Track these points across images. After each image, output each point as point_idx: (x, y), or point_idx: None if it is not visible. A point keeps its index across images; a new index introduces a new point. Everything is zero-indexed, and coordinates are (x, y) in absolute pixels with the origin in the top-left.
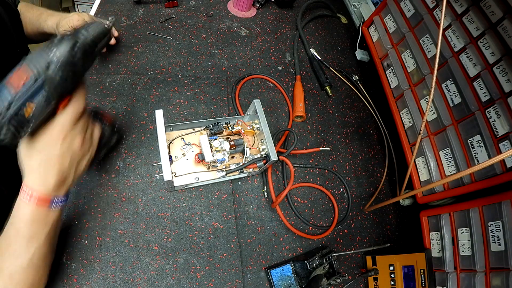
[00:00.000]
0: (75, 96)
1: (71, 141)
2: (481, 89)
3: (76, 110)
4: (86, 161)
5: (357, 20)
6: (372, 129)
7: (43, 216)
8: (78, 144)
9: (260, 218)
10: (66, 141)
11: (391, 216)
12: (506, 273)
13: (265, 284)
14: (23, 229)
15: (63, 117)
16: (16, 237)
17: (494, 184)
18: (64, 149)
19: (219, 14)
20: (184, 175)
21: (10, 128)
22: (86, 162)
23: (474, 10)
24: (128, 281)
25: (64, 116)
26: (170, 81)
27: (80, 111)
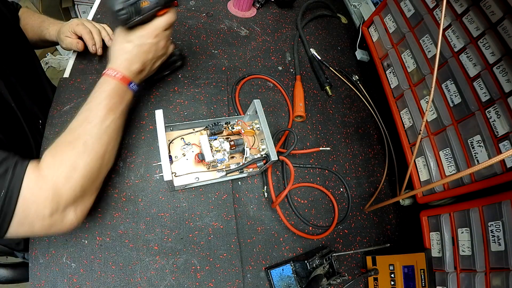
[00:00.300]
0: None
1: (158, 40)
2: (481, 89)
3: (169, 19)
4: (159, 62)
5: (357, 20)
6: (372, 129)
7: (123, 92)
8: (162, 45)
9: (260, 218)
10: (156, 38)
11: (391, 216)
12: (506, 273)
13: (265, 284)
14: (105, 100)
15: (160, 20)
16: (98, 107)
17: (494, 184)
18: (152, 44)
19: (219, 14)
20: (184, 175)
21: (128, 11)
22: (159, 63)
23: (474, 10)
24: (128, 281)
25: (160, 20)
26: (170, 81)
27: (172, 21)
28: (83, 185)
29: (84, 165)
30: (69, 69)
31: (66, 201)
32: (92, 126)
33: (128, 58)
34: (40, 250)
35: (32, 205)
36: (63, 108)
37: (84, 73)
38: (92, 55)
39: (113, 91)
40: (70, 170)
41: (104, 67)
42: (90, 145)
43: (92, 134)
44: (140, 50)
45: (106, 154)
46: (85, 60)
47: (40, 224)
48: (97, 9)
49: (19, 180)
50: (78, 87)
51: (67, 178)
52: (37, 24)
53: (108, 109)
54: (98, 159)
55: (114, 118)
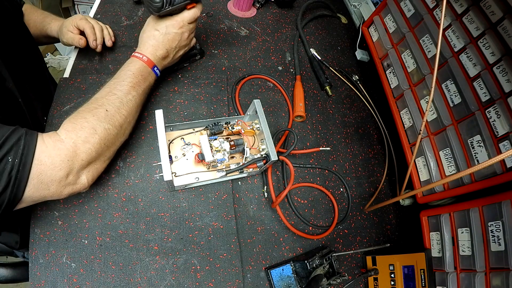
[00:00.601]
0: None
1: (183, 31)
2: (481, 89)
3: (195, 14)
4: (182, 52)
5: (357, 20)
6: (372, 129)
7: (147, 73)
8: (186, 36)
9: (260, 218)
10: (181, 29)
11: (391, 216)
12: (506, 273)
13: (265, 284)
14: (130, 78)
15: (186, 14)
16: (122, 82)
17: (494, 184)
18: (177, 34)
19: (219, 14)
20: (184, 175)
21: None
22: (181, 53)
23: (474, 10)
24: (128, 281)
25: (187, 13)
26: (170, 81)
27: (197, 15)
28: (99, 149)
29: (103, 130)
30: (69, 69)
31: (82, 163)
32: (115, 98)
33: (155, 44)
34: (40, 250)
35: (48, 169)
36: (63, 108)
37: (84, 73)
38: (92, 55)
39: (138, 71)
40: (90, 133)
41: (105, 66)
42: (111, 113)
43: (115, 105)
44: (166, 38)
45: (124, 125)
46: (85, 60)
47: (55, 187)
48: (97, 9)
49: (33, 146)
50: (78, 87)
51: (86, 140)
52: (39, 20)
53: (131, 85)
54: (116, 127)
55: (136, 95)
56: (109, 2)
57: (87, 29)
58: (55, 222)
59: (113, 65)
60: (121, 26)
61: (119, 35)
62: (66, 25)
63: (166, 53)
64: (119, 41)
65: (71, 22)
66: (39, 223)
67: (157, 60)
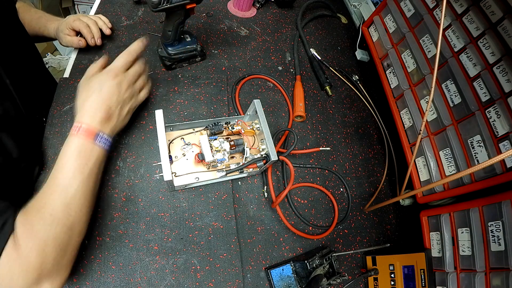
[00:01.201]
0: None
1: (119, 82)
2: (481, 89)
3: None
4: (128, 107)
5: (357, 20)
6: (372, 129)
7: (89, 149)
8: (124, 87)
9: (260, 218)
10: (116, 79)
11: (391, 216)
12: (506, 273)
13: (265, 284)
14: (70, 161)
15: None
16: (62, 169)
17: (494, 184)
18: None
19: (219, 14)
20: (184, 175)
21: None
22: (128, 109)
23: (474, 10)
24: (128, 281)
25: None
26: (170, 81)
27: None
28: (56, 258)
29: (54, 238)
30: (69, 69)
31: (40, 276)
32: (59, 193)
33: (91, 107)
34: None
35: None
36: (63, 108)
37: (84, 73)
38: (92, 55)
39: (77, 151)
40: (41, 244)
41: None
42: (57, 215)
43: (59, 202)
44: (101, 95)
45: (75, 225)
46: (85, 60)
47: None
48: (97, 9)
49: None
50: None
51: (39, 252)
52: (34, 20)
53: (73, 171)
54: (67, 231)
55: (82, 180)
56: (109, 2)
57: (83, 29)
58: None
59: None
60: (121, 26)
61: (119, 35)
62: (61, 29)
63: (106, 113)
64: (119, 41)
65: (66, 25)
66: None
67: (99, 124)
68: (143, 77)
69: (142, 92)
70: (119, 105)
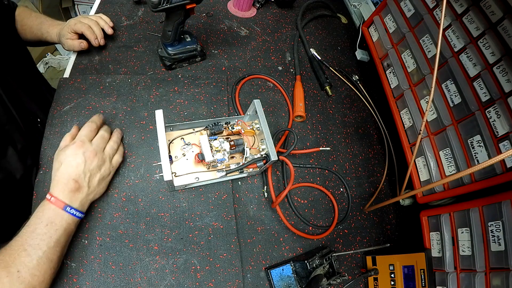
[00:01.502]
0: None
1: (84, 151)
2: (481, 89)
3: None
4: (99, 176)
5: (357, 20)
6: (372, 129)
7: (58, 217)
8: (91, 156)
9: (260, 218)
10: (81, 149)
11: (391, 216)
12: (506, 273)
13: (265, 284)
14: (40, 226)
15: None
16: (32, 233)
17: (494, 184)
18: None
19: (219, 14)
20: (184, 175)
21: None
22: (99, 177)
23: (474, 10)
24: (128, 281)
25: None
26: (170, 81)
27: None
28: None
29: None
30: (69, 69)
31: None
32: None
33: (59, 178)
34: None
35: None
36: (63, 108)
37: (84, 73)
38: (92, 55)
39: (47, 219)
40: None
41: (105, 66)
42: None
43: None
44: (67, 167)
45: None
46: (85, 60)
47: None
48: (97, 9)
49: None
50: (78, 87)
51: None
52: (35, 26)
53: (42, 236)
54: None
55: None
56: (109, 2)
57: (85, 30)
58: None
59: (113, 65)
60: (121, 26)
61: (119, 35)
62: (63, 34)
63: (75, 185)
64: (119, 41)
65: (68, 29)
66: None
67: (68, 196)
68: (112, 142)
69: (115, 157)
70: (87, 174)
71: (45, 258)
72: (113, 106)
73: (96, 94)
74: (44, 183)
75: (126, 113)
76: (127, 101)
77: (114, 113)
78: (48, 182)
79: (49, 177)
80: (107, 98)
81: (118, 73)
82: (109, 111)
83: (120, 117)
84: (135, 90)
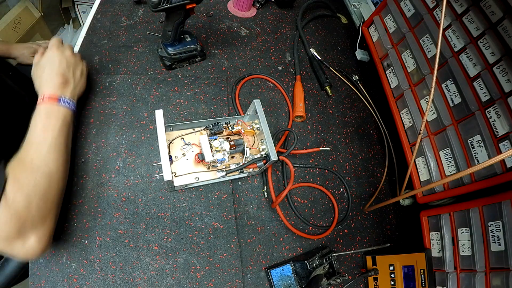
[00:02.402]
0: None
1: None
2: (481, 89)
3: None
4: (80, 70)
5: (357, 20)
6: (372, 129)
7: (55, 111)
8: (69, 53)
9: (260, 218)
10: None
11: (391, 216)
12: (506, 273)
13: (265, 284)
14: (40, 122)
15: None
16: (35, 129)
17: (494, 184)
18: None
19: (219, 14)
20: (184, 175)
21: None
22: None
23: (474, 10)
24: (128, 281)
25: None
26: (170, 81)
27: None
28: (38, 204)
29: (34, 184)
30: None
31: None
32: (34, 148)
33: (47, 78)
34: None
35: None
36: None
37: None
38: (92, 54)
39: (44, 112)
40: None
41: (105, 66)
42: (36, 163)
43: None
44: (52, 66)
45: (53, 174)
46: (85, 60)
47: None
48: (97, 9)
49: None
50: None
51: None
52: None
53: (44, 129)
54: (46, 178)
55: (54, 136)
56: (109, 2)
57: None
58: None
59: (113, 65)
60: (121, 26)
61: (119, 35)
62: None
63: (63, 78)
64: (119, 41)
65: None
66: None
67: (59, 90)
68: None
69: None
70: (70, 68)
71: (52, 147)
72: (113, 106)
73: (96, 94)
74: None
75: (126, 113)
76: (127, 101)
77: (114, 113)
78: None
79: None
80: (107, 98)
81: (118, 73)
82: (109, 111)
83: (120, 117)
84: (135, 90)
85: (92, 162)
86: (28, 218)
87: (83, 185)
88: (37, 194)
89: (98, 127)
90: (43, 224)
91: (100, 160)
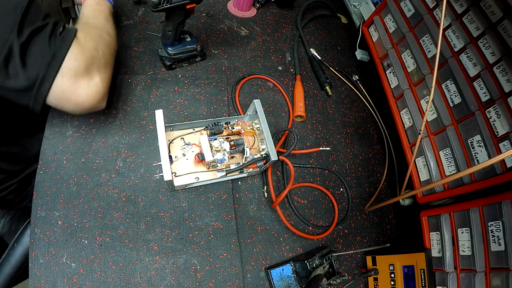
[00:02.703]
0: None
1: None
2: (481, 89)
3: None
4: None
5: (357, 20)
6: (372, 129)
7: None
8: None
9: (260, 218)
10: None
11: (391, 216)
12: (506, 273)
13: (265, 284)
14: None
15: None
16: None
17: (494, 184)
18: None
19: (219, 14)
20: (184, 175)
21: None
22: None
23: (474, 10)
24: (128, 281)
25: None
26: (170, 81)
27: None
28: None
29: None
30: None
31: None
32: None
33: None
34: (40, 250)
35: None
36: None
37: None
38: None
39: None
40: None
41: None
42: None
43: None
44: None
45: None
46: None
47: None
48: None
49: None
50: None
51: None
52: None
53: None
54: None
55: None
56: None
57: None
58: (55, 222)
59: None
60: (121, 26)
61: (119, 35)
62: None
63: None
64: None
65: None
66: (39, 223)
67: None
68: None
69: None
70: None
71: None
72: (113, 106)
73: None
74: (44, 183)
75: (126, 113)
76: (127, 101)
77: (114, 113)
78: (48, 182)
79: (49, 177)
80: (107, 98)
81: (118, 73)
82: (109, 111)
83: (120, 117)
84: (135, 90)
85: (92, 162)
86: (96, 58)
87: (83, 185)
88: (103, 42)
89: (98, 127)
90: (106, 69)
91: (100, 160)
